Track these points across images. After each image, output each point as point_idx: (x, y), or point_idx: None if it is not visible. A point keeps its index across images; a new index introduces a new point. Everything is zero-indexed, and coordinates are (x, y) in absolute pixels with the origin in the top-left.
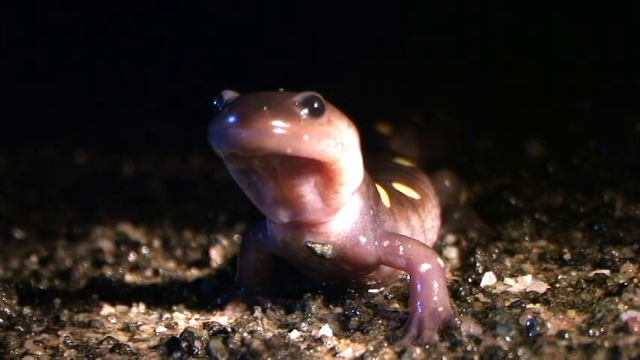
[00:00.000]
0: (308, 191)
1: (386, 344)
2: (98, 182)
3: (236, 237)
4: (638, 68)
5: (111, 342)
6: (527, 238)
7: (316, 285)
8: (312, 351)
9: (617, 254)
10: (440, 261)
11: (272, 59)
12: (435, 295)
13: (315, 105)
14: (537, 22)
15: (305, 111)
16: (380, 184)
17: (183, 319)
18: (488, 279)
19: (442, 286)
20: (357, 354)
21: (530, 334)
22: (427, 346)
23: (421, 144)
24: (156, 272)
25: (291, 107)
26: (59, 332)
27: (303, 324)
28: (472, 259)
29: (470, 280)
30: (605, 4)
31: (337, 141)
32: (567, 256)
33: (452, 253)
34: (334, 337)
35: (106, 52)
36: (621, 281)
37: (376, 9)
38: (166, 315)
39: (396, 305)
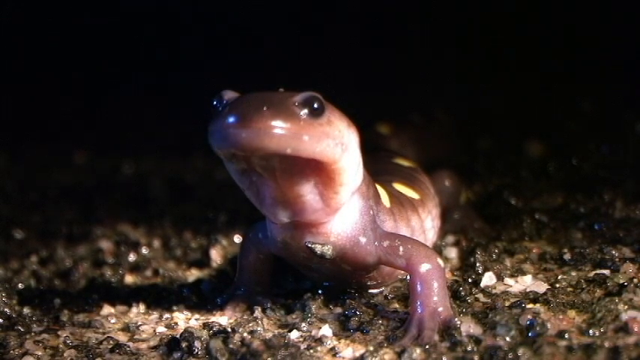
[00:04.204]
0: (307, 191)
1: (386, 344)
2: (98, 182)
3: (236, 237)
4: (638, 68)
5: (111, 342)
6: (527, 238)
7: (316, 285)
8: (312, 351)
9: (617, 254)
10: (440, 261)
11: (272, 59)
12: (435, 295)
13: (315, 105)
14: (538, 22)
15: (305, 111)
16: (380, 184)
17: (183, 319)
18: (488, 279)
19: (442, 286)
20: (357, 354)
21: (530, 334)
22: (427, 346)
23: (421, 144)
24: (156, 272)
25: (291, 107)
26: (59, 332)
27: (303, 324)
28: (472, 259)
29: (470, 280)
30: (605, 4)
31: (337, 141)
32: (567, 256)
33: (452, 253)
34: (334, 337)
35: (106, 52)
36: (621, 281)
37: (376, 9)
38: (166, 315)
39: (396, 305)
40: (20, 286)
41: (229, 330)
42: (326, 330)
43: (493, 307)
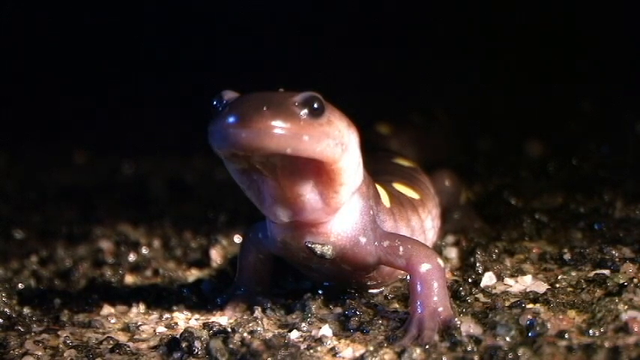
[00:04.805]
0: (308, 190)
1: (386, 344)
2: (98, 182)
3: (236, 237)
4: (638, 68)
5: (111, 342)
6: (527, 238)
7: (316, 285)
8: (312, 351)
9: (617, 254)
10: (440, 261)
11: (272, 59)
12: (435, 295)
13: (315, 105)
14: (538, 22)
15: (305, 111)
16: (380, 184)
17: (183, 319)
18: (488, 279)
19: (442, 286)
20: (357, 354)
21: (530, 334)
22: (427, 346)
23: (421, 144)
24: (156, 272)
25: (291, 107)
26: (59, 332)
27: (303, 324)
28: (472, 259)
29: (470, 280)
30: (605, 3)
31: (337, 141)
32: (567, 256)
33: (452, 253)
34: (334, 337)
35: (106, 52)
36: (621, 281)
37: (376, 9)
38: (166, 315)
39: (396, 305)
40: (20, 286)
41: (229, 330)
42: (326, 330)
43: (493, 307)
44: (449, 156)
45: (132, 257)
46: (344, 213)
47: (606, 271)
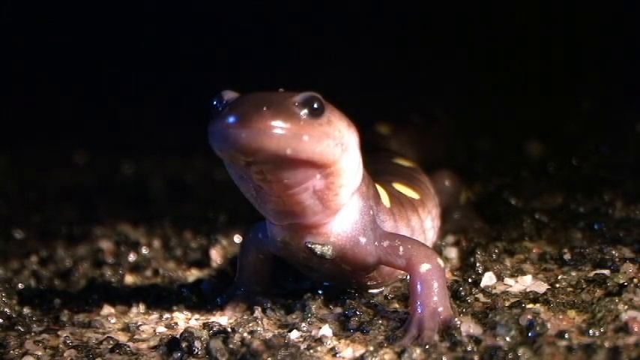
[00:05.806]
0: (306, 198)
1: (386, 344)
2: (98, 182)
3: (236, 237)
4: (638, 68)
5: (111, 342)
6: (527, 238)
7: (316, 285)
8: (312, 351)
9: (617, 254)
10: (440, 261)
11: (272, 59)
12: (435, 295)
13: (315, 105)
14: (537, 21)
15: (305, 111)
16: (380, 184)
17: (183, 319)
18: (488, 279)
19: (442, 286)
20: (357, 354)
21: (530, 334)
22: (427, 346)
23: (421, 144)
24: (156, 272)
25: (290, 107)
26: (59, 332)
27: (303, 324)
28: (472, 259)
29: (470, 280)
30: (605, 3)
31: (337, 141)
32: (567, 256)
33: (452, 253)
34: (334, 337)
35: (106, 51)
36: (621, 281)
37: (376, 9)
38: (166, 315)
39: (396, 305)
40: (20, 286)
41: (229, 330)
42: (326, 330)
43: (493, 307)
44: (449, 156)
45: (132, 257)
46: (344, 213)
47: (606, 271)
